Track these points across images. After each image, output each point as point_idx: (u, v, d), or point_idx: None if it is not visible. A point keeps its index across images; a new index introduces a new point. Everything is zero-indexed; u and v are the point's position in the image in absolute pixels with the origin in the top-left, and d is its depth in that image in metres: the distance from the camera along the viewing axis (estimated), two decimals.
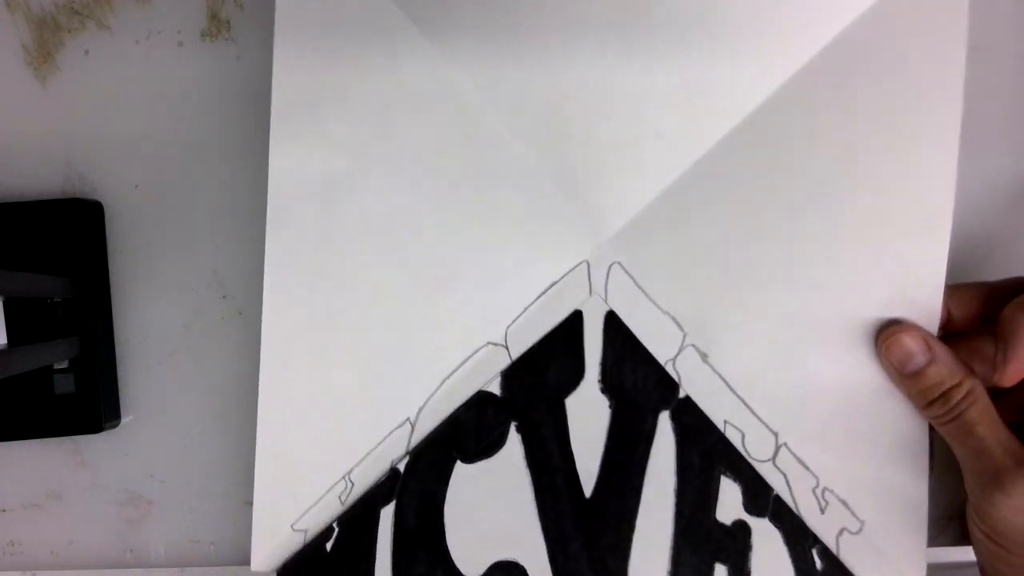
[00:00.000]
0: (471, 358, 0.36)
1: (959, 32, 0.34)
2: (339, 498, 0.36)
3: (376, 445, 0.36)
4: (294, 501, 0.35)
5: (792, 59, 0.35)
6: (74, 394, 0.37)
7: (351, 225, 0.35)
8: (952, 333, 0.36)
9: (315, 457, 0.35)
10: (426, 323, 0.35)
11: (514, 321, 0.36)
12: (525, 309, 0.36)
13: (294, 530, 0.35)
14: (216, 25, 0.38)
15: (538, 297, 0.36)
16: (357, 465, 0.36)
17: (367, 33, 0.35)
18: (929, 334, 0.35)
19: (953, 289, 0.36)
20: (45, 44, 0.38)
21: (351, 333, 0.35)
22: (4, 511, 0.39)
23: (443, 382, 0.36)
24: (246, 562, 0.39)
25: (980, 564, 0.35)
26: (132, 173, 0.38)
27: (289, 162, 0.35)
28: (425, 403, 0.36)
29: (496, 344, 0.36)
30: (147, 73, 0.38)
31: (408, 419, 0.36)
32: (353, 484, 0.36)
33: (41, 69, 0.38)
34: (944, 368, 0.34)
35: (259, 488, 0.35)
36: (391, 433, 0.36)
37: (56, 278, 0.36)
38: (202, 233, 0.38)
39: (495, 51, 0.34)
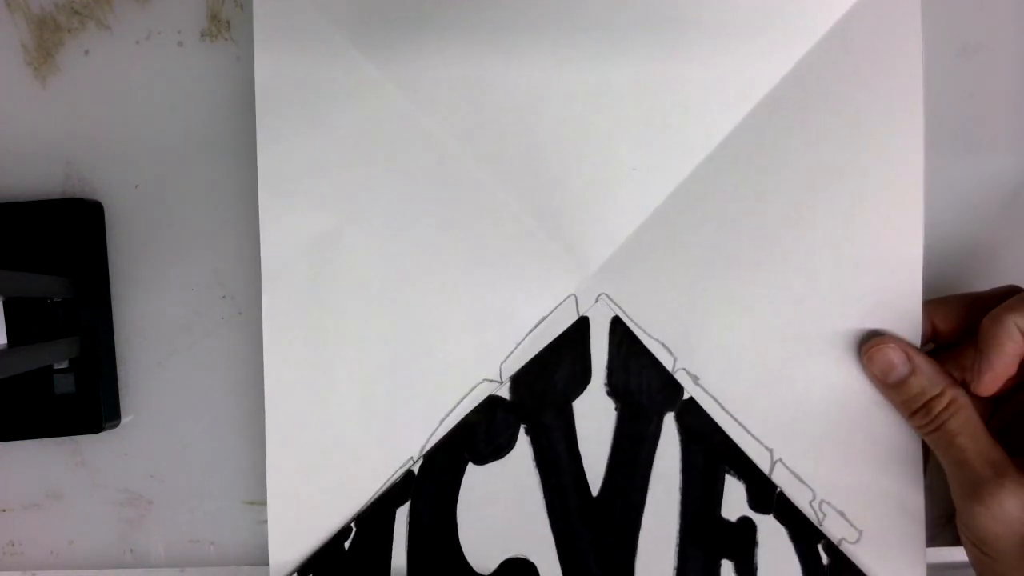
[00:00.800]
0: (468, 396, 0.37)
1: (914, 46, 0.35)
2: (344, 547, 0.37)
3: (384, 483, 0.37)
4: (306, 540, 0.37)
5: (756, 87, 0.36)
6: (74, 394, 0.37)
7: (344, 279, 0.36)
8: (941, 346, 0.37)
9: (325, 499, 0.37)
10: (422, 365, 0.37)
11: (507, 357, 0.37)
12: (517, 345, 0.37)
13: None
14: (216, 25, 0.38)
15: (529, 332, 0.37)
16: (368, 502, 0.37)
17: (344, 95, 0.36)
18: (910, 345, 0.35)
19: (938, 302, 0.36)
20: (45, 44, 0.38)
21: (351, 382, 0.36)
22: (4, 511, 0.39)
23: (442, 421, 0.37)
24: (245, 562, 0.39)
25: (973, 567, 0.35)
26: (132, 173, 0.38)
27: (279, 227, 0.36)
28: (427, 441, 0.37)
29: (491, 380, 0.37)
30: (147, 73, 0.38)
31: (411, 457, 0.37)
32: (357, 532, 0.37)
33: (41, 69, 0.38)
34: (924, 379, 0.34)
35: (273, 530, 0.37)
36: (397, 471, 0.37)
37: (56, 278, 0.36)
38: (202, 233, 0.38)
39: (469, 101, 0.36)
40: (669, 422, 0.37)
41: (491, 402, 0.37)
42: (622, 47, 0.35)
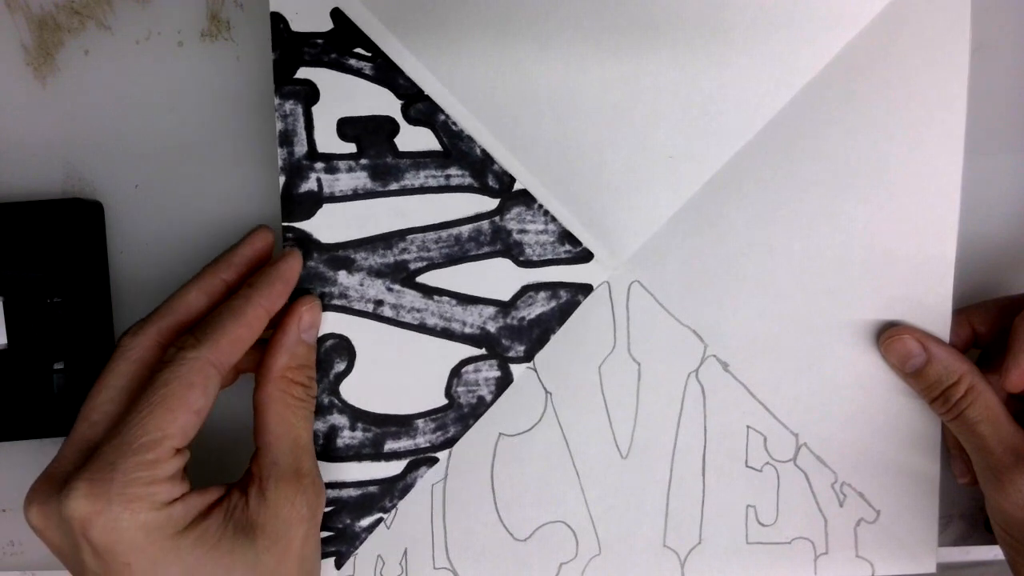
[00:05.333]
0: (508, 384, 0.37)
1: (962, 42, 0.35)
2: (384, 523, 0.37)
3: (418, 482, 0.37)
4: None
5: (797, 75, 0.36)
6: (74, 394, 0.37)
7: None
8: (984, 348, 0.37)
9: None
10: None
11: (543, 346, 0.37)
12: (552, 333, 0.37)
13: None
14: (216, 25, 0.38)
15: (564, 320, 0.37)
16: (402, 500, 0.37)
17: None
18: (927, 334, 0.36)
19: (975, 307, 0.37)
20: (45, 44, 0.38)
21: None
22: (4, 511, 0.39)
23: (477, 417, 0.37)
24: None
25: (1003, 551, 0.36)
26: (132, 173, 0.38)
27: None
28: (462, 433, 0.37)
29: (527, 368, 0.37)
30: (147, 73, 0.38)
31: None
32: (397, 509, 0.37)
33: (41, 69, 0.38)
34: (941, 367, 0.35)
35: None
36: (433, 450, 0.37)
37: (56, 278, 0.36)
38: (202, 233, 0.38)
39: (504, 90, 0.36)
40: (692, 380, 0.37)
41: (519, 376, 0.37)
42: (661, 32, 0.35)
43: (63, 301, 0.37)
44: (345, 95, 0.35)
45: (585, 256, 0.37)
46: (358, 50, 0.35)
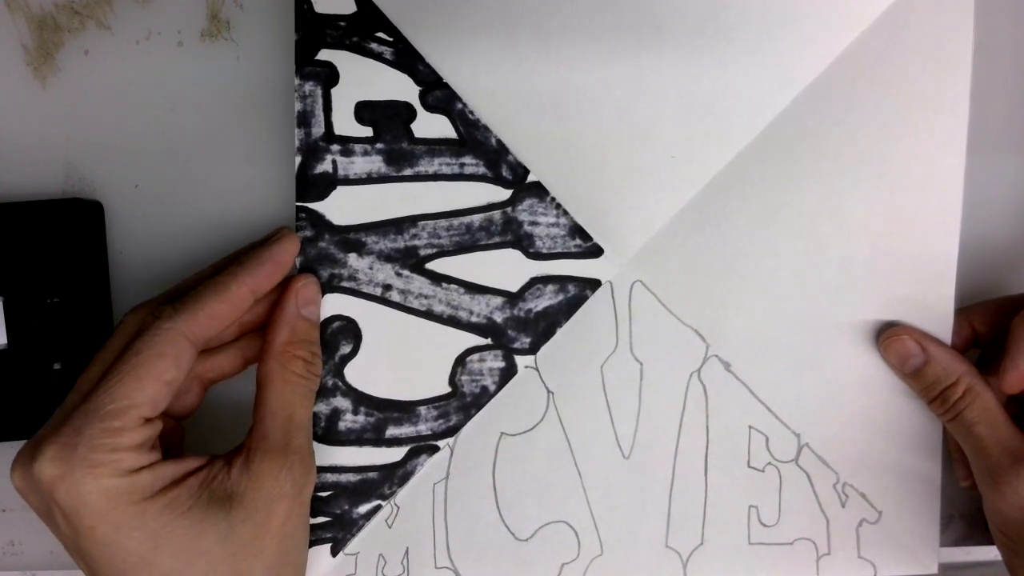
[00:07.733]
0: (506, 385, 0.37)
1: (964, 42, 0.35)
2: (386, 522, 0.37)
3: (419, 470, 0.37)
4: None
5: (800, 75, 0.36)
6: None
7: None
8: (984, 348, 0.37)
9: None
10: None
11: (545, 345, 0.37)
12: (554, 333, 0.37)
13: (345, 555, 0.37)
14: (216, 25, 0.38)
15: (565, 320, 0.37)
16: (402, 489, 0.37)
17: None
18: (926, 335, 0.36)
19: (975, 306, 0.37)
20: (45, 44, 0.38)
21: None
22: (4, 511, 0.39)
23: (480, 407, 0.37)
24: None
25: (1000, 552, 0.35)
26: (132, 173, 0.38)
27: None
28: (463, 428, 0.37)
29: (528, 367, 0.37)
30: (147, 73, 0.38)
31: (448, 444, 0.37)
32: (399, 508, 0.37)
33: (41, 69, 0.38)
34: (939, 368, 0.35)
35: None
36: (432, 457, 0.37)
37: (56, 278, 0.36)
38: (202, 233, 0.38)
39: (507, 86, 0.36)
40: (694, 380, 0.37)
41: (521, 375, 0.37)
42: (663, 32, 0.35)
43: (63, 301, 0.37)
44: (364, 79, 0.35)
45: (595, 251, 0.37)
46: (379, 34, 0.35)
